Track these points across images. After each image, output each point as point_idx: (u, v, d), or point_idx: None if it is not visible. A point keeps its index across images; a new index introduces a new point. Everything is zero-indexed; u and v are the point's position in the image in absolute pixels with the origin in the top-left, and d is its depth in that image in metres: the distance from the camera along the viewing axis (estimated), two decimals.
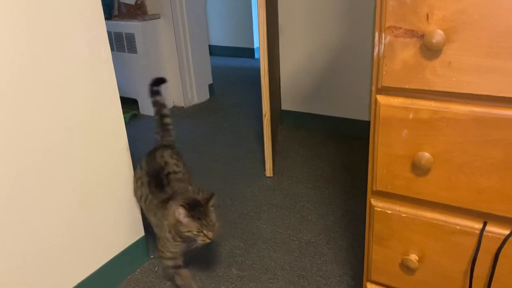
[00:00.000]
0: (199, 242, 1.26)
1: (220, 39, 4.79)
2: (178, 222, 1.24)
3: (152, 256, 1.61)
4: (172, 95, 3.23)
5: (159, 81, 1.62)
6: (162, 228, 1.32)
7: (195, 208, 1.24)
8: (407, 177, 0.90)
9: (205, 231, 1.24)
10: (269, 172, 2.17)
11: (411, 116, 0.85)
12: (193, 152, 2.49)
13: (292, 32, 2.55)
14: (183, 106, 3.22)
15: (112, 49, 2.93)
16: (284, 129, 2.74)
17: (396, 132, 0.87)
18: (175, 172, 1.42)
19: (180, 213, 1.22)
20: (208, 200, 1.28)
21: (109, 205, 1.40)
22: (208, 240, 1.25)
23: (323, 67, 2.54)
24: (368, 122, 0.92)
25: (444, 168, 0.85)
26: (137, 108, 3.12)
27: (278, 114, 2.63)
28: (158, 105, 1.60)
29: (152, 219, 1.39)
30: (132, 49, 2.92)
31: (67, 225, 1.26)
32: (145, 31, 2.88)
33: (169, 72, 3.13)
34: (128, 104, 3.06)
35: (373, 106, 0.89)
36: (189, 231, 1.24)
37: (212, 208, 1.28)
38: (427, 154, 0.85)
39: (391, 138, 0.89)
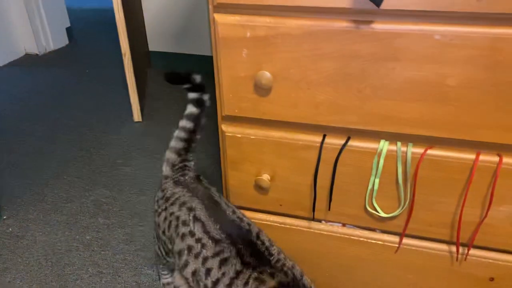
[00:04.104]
0: None
1: None
2: None
3: (5, 217, 1.44)
4: (23, 41, 2.84)
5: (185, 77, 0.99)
6: None
7: None
8: (252, 99, 0.89)
9: None
10: (137, 116, 2.06)
11: (248, 34, 0.82)
12: (53, 103, 2.25)
13: None
14: (37, 54, 2.87)
15: None
16: (154, 71, 2.61)
17: (236, 53, 0.85)
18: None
19: None
20: None
21: None
22: None
23: (189, 2, 2.42)
24: None
25: (284, 86, 0.85)
26: None
27: (144, 55, 2.48)
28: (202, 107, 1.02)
29: None
30: None
31: None
32: None
33: (14, 14, 2.73)
34: None
35: (212, 27, 0.85)
36: None
37: None
38: (267, 73, 0.84)
39: (232, 59, 0.86)
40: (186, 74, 0.98)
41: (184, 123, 1.03)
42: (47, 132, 1.97)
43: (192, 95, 1.01)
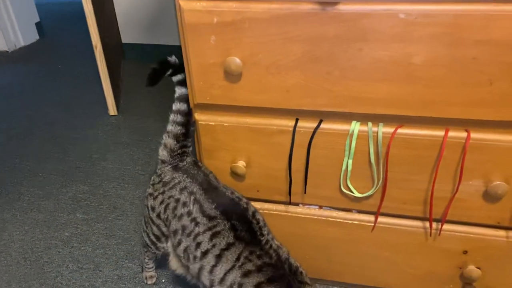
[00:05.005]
0: None
1: None
2: None
3: None
4: None
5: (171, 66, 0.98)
6: None
7: None
8: (223, 85, 0.89)
9: None
10: (112, 110, 2.03)
11: (215, 20, 0.82)
12: (26, 100, 2.20)
13: None
14: (6, 50, 2.79)
15: None
16: (129, 64, 2.57)
17: (204, 39, 0.84)
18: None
19: None
20: None
21: None
22: None
23: None
24: None
25: (254, 71, 0.85)
26: None
27: (117, 47, 2.44)
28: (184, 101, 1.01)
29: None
30: None
31: None
32: None
33: None
34: None
35: (178, 14, 0.84)
36: None
37: None
38: (236, 59, 0.84)
39: (201, 47, 0.85)
40: (162, 64, 0.97)
41: (178, 105, 1.01)
42: (20, 130, 1.93)
43: (176, 78, 0.99)
